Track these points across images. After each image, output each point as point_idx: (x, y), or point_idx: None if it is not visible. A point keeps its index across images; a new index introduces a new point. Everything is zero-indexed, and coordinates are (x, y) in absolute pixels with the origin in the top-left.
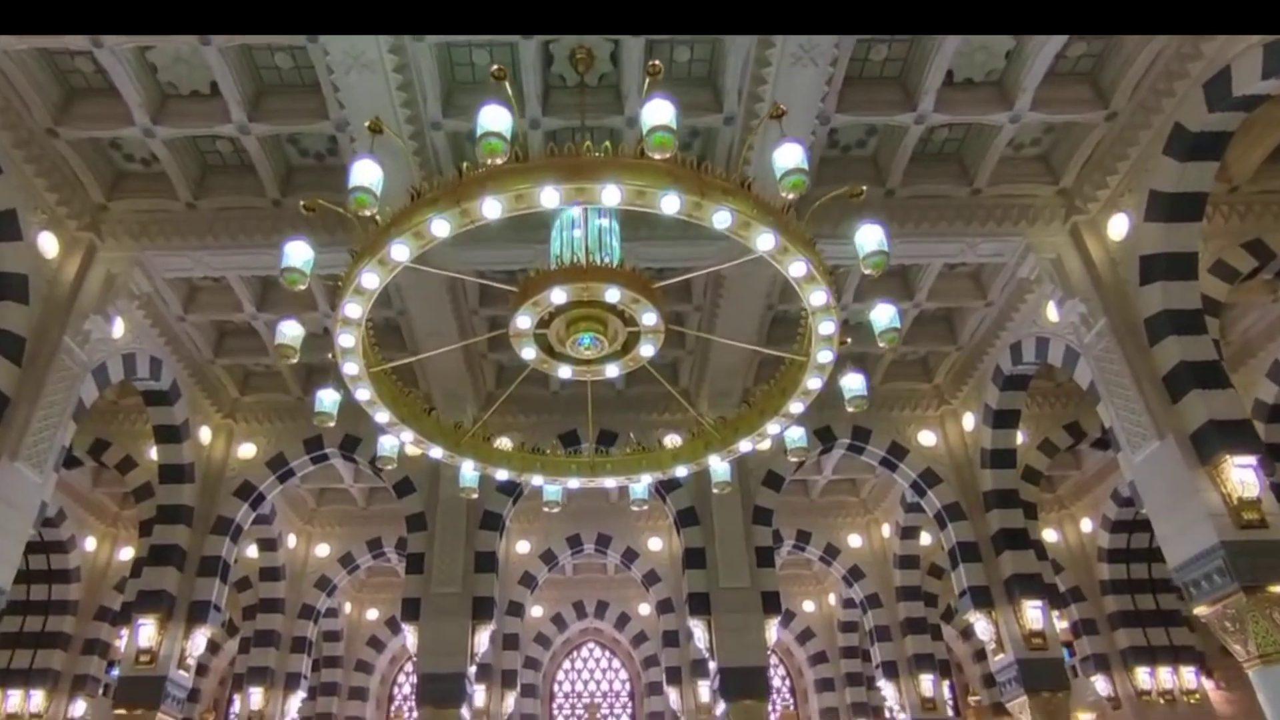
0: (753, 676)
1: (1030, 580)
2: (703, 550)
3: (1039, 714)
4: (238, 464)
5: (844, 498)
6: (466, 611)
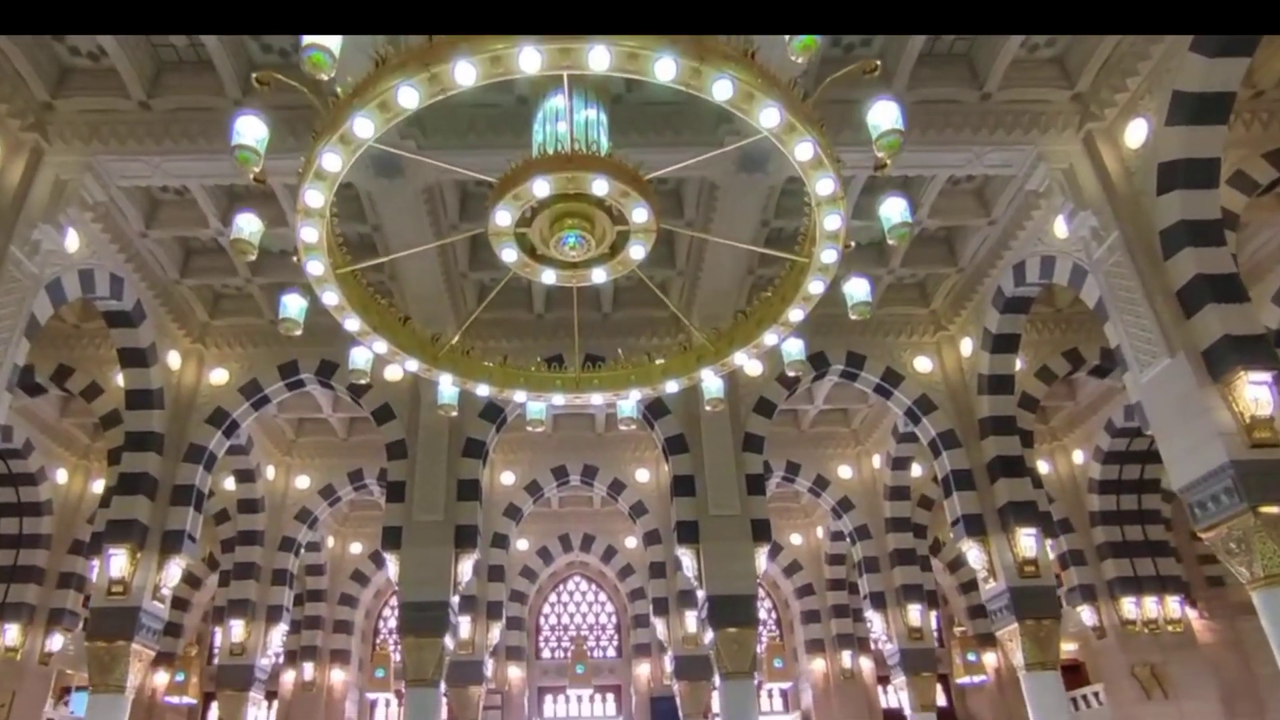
0: (742, 605)
1: (1025, 508)
2: (691, 478)
3: (1029, 641)
4: (209, 390)
5: (835, 428)
6: (449, 539)
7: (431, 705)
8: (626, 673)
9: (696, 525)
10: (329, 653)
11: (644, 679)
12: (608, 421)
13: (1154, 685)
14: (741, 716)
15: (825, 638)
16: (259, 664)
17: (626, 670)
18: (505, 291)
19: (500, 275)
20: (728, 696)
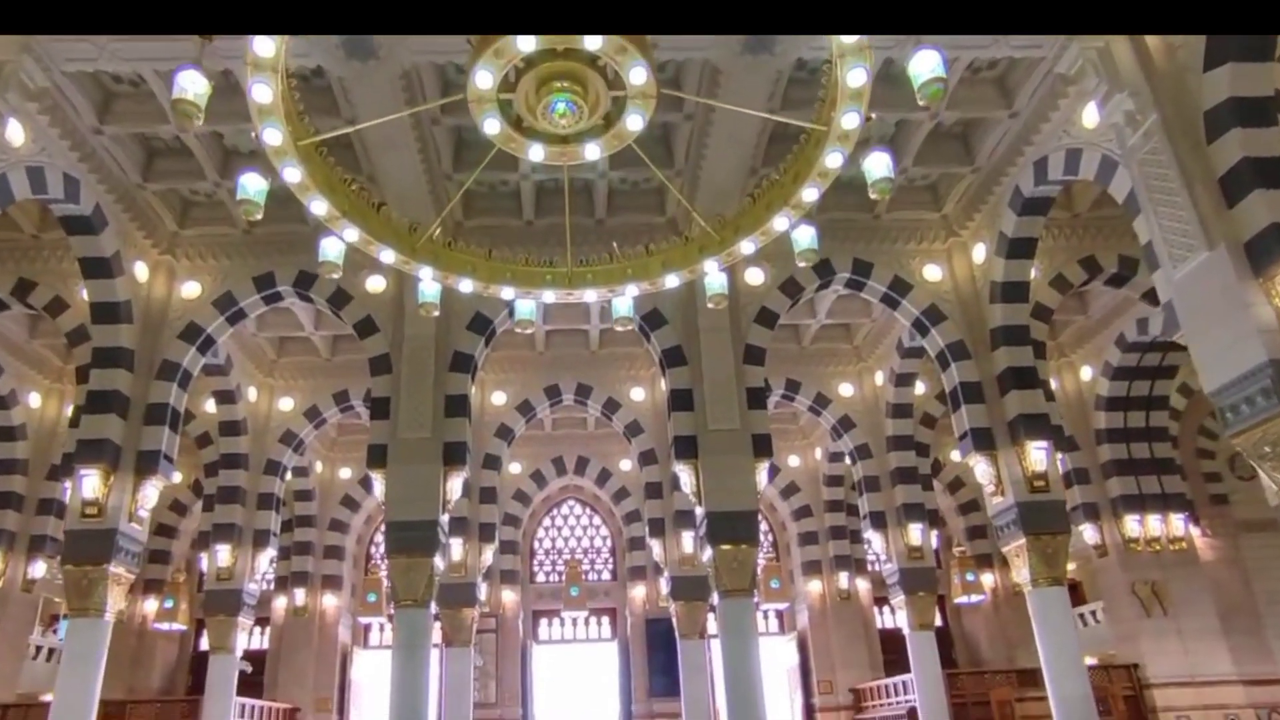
0: (742, 521)
1: (1036, 420)
2: (689, 392)
3: (1037, 557)
4: (181, 304)
5: (836, 345)
6: (437, 457)
7: (422, 626)
8: (621, 596)
9: (695, 440)
10: (320, 578)
11: (639, 601)
12: (601, 339)
13: (1154, 603)
14: (740, 635)
15: (823, 559)
16: (247, 589)
17: (621, 593)
18: (493, 197)
19: (487, 178)
20: (726, 615)
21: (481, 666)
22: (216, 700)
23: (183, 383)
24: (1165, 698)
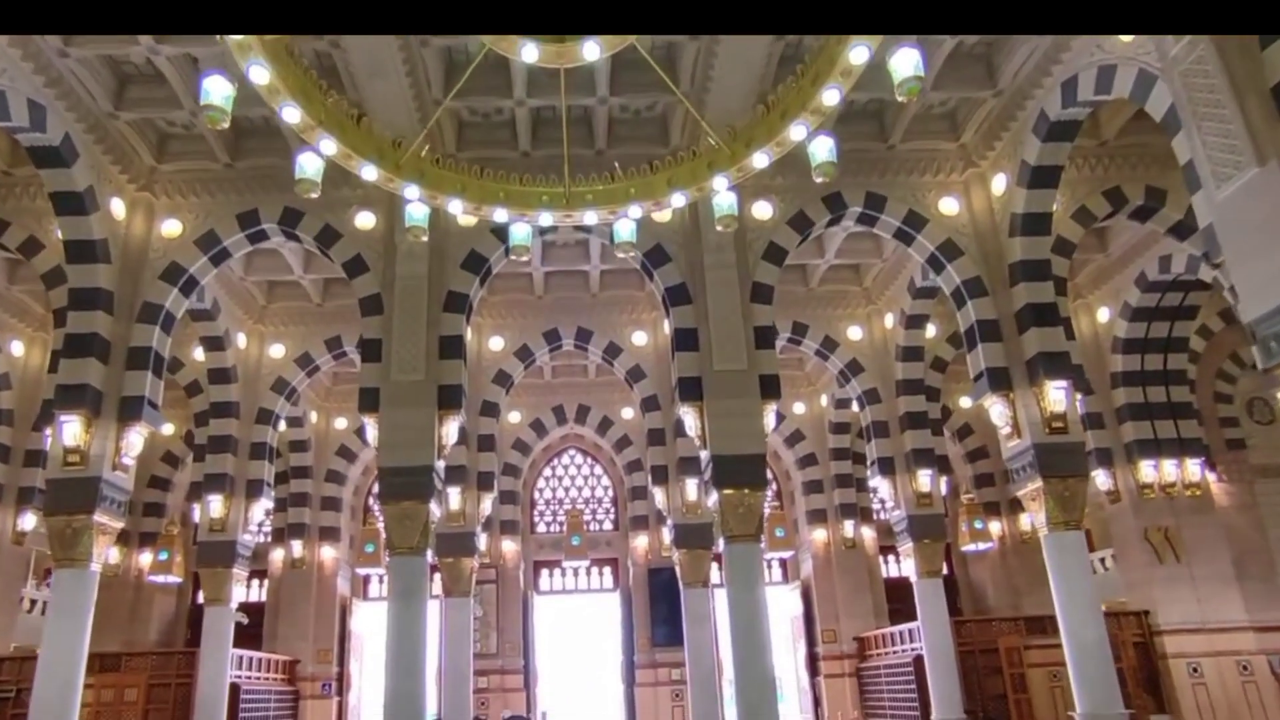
0: (749, 465)
1: (1056, 359)
2: (694, 331)
3: (1054, 501)
4: (162, 243)
5: (845, 286)
6: (431, 400)
7: (418, 574)
8: (623, 546)
9: (700, 382)
10: (318, 530)
11: (641, 551)
12: (602, 281)
13: (1166, 549)
14: (746, 581)
15: (828, 508)
16: (241, 540)
17: (623, 543)
18: (487, 127)
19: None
20: (732, 561)
21: (482, 617)
22: (213, 652)
23: (165, 326)
24: (1176, 644)
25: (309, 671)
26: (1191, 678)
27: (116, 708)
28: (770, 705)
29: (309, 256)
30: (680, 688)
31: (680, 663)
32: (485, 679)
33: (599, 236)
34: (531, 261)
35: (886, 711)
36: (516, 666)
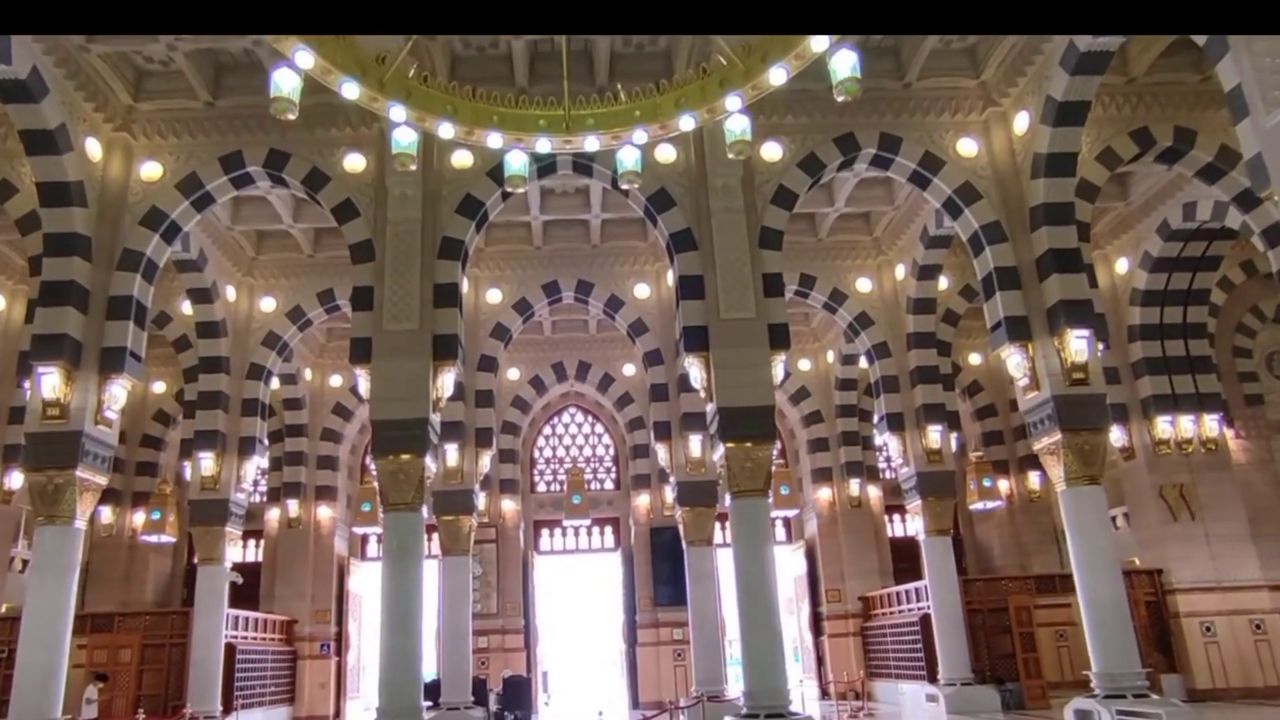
0: (757, 417)
1: (1079, 307)
2: (700, 278)
3: (1073, 455)
4: (141, 187)
5: (855, 236)
6: (426, 350)
7: (413, 530)
8: (625, 505)
9: (706, 331)
10: (314, 489)
11: (643, 510)
12: (603, 231)
13: (1181, 507)
14: (754, 537)
15: (833, 466)
16: (234, 498)
17: (625, 502)
18: (482, 62)
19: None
20: (739, 516)
21: (481, 577)
22: (207, 612)
23: (147, 274)
24: (1189, 603)
25: (307, 632)
26: (1204, 637)
27: (110, 668)
28: (779, 665)
29: (298, 205)
30: (682, 648)
31: (682, 623)
32: (485, 639)
33: (600, 180)
34: (530, 209)
35: (892, 671)
36: (517, 626)
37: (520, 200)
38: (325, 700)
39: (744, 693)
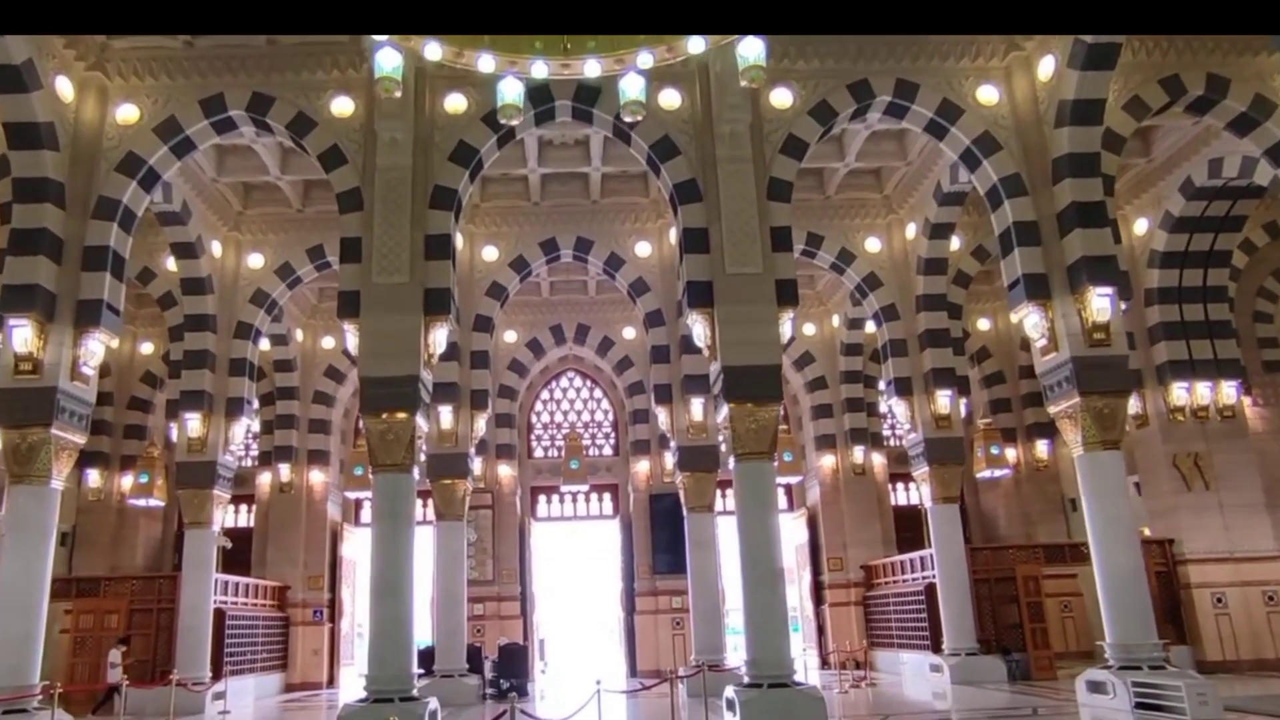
0: (763, 376)
1: (1102, 264)
2: (705, 231)
3: (1091, 419)
4: (117, 130)
5: (865, 194)
6: (417, 305)
7: (403, 492)
8: (624, 471)
9: (710, 286)
10: (306, 453)
11: (643, 476)
12: (604, 186)
13: (1195, 476)
14: (759, 502)
15: (837, 433)
16: (222, 460)
17: (624, 469)
18: None
19: None
20: (743, 480)
21: (477, 543)
22: (195, 577)
23: (125, 224)
24: (1201, 574)
25: (299, 598)
26: (1215, 608)
27: (97, 634)
28: (783, 633)
29: (286, 155)
30: (681, 616)
31: (681, 591)
32: (481, 606)
33: (601, 128)
34: (527, 162)
35: (894, 641)
36: (513, 594)
37: (517, 152)
38: (319, 667)
39: (746, 662)
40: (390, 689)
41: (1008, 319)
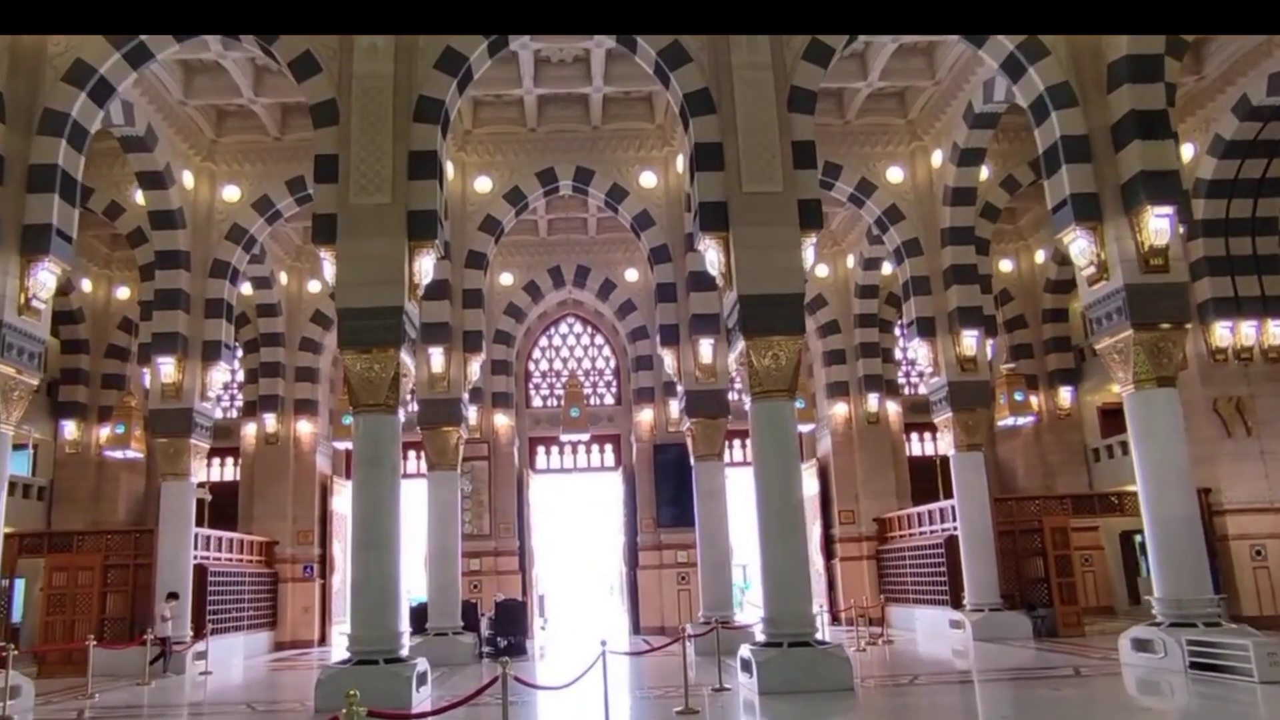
0: (784, 306)
1: (1162, 181)
2: (719, 146)
3: (1144, 354)
4: (63, 37)
5: (888, 119)
6: (400, 228)
7: (387, 435)
8: (626, 421)
9: (725, 207)
10: (293, 403)
11: (646, 426)
12: (605, 110)
13: (1236, 421)
14: (778, 444)
15: (850, 380)
16: (198, 407)
17: (626, 419)
18: None
19: None
20: (761, 421)
21: (472, 495)
22: (173, 531)
23: (75, 140)
24: (1239, 525)
25: (288, 553)
26: (1253, 561)
27: (70, 591)
28: (804, 588)
29: (260, 75)
30: (686, 571)
31: (686, 545)
32: (477, 561)
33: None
34: (522, 81)
35: (910, 596)
36: (511, 548)
37: (512, 71)
38: (310, 625)
39: (763, 619)
40: (375, 649)
41: (1032, 259)
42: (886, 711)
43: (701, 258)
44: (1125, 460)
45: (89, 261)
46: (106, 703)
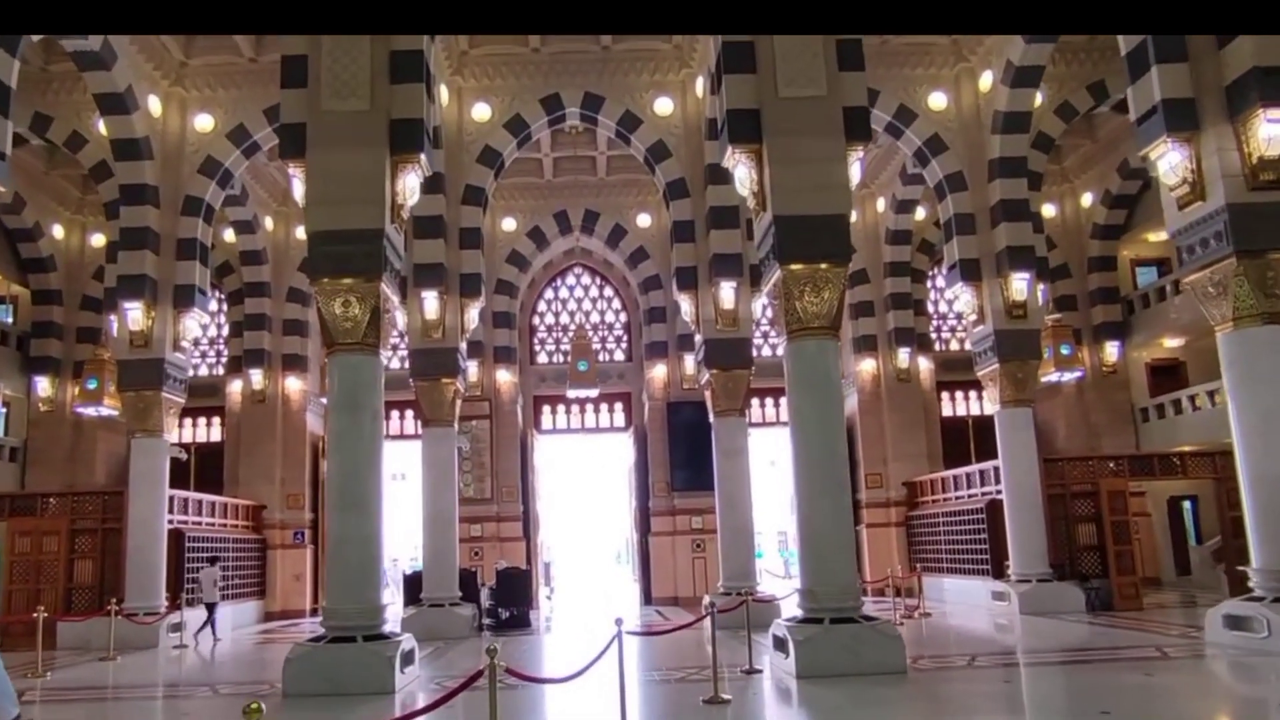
0: (828, 229)
1: (1274, 76)
2: (750, 45)
3: (1250, 285)
4: None
5: (931, 37)
6: (380, 138)
7: (366, 378)
8: (638, 379)
9: (758, 115)
10: (280, 358)
11: (659, 383)
12: None
13: None
14: (820, 389)
15: (879, 333)
16: (170, 358)
17: (638, 376)
18: None
19: None
20: (799, 362)
21: (473, 456)
22: (144, 492)
23: (11, 49)
24: None
25: (277, 519)
26: None
27: (35, 558)
28: (848, 556)
29: None
30: (702, 538)
31: (703, 510)
32: (478, 527)
33: None
34: None
35: (944, 565)
36: (514, 513)
37: None
38: (301, 594)
39: (801, 591)
40: (353, 625)
41: (1077, 203)
42: (950, 700)
43: (723, 192)
44: (1179, 420)
45: (59, 206)
46: (57, 682)
